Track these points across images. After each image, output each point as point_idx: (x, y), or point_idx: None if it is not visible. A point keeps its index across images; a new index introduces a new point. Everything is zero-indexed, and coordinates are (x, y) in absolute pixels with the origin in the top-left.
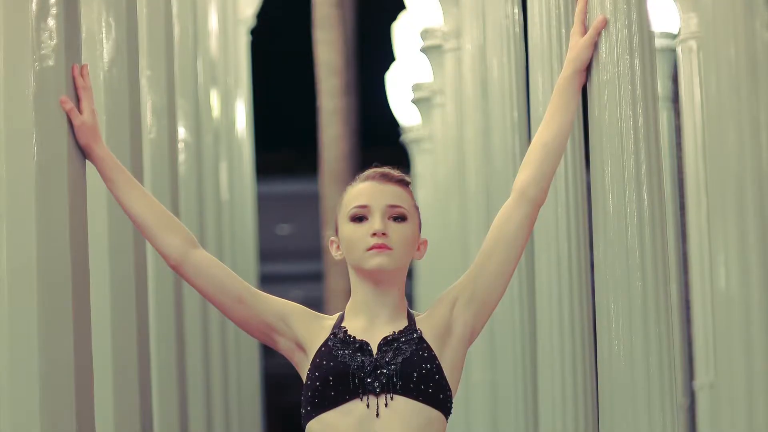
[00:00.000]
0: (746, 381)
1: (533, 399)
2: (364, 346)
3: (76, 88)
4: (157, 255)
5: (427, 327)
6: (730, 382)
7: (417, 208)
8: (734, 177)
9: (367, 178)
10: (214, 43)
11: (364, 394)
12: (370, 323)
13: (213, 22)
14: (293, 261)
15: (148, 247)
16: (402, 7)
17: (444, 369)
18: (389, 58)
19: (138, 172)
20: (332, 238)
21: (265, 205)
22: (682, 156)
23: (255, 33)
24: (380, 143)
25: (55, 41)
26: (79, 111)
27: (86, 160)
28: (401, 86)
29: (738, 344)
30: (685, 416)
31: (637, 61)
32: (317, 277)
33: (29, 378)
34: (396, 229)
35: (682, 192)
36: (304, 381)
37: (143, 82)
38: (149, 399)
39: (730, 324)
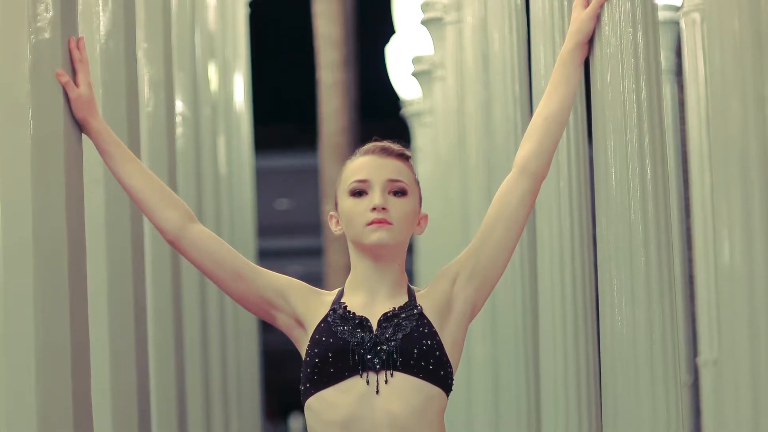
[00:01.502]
0: (750, 357)
1: (535, 375)
2: (363, 323)
3: (72, 61)
4: (155, 230)
5: (428, 303)
6: (734, 358)
7: (417, 183)
8: (738, 151)
9: (367, 152)
10: (212, 15)
11: (363, 370)
12: (370, 299)
13: None
14: (292, 236)
15: (146, 221)
16: None
17: (445, 345)
18: (389, 30)
19: (135, 146)
20: (332, 212)
21: (263, 179)
22: (685, 130)
23: (253, 5)
24: (380, 117)
25: (51, 14)
26: (76, 84)
27: (83, 134)
28: (401, 59)
29: (742, 320)
30: (689, 393)
31: (640, 33)
32: (316, 253)
33: (25, 355)
34: (396, 204)
35: (685, 166)
36: (303, 357)
37: (140, 55)
38: (147, 375)
39: (733, 300)
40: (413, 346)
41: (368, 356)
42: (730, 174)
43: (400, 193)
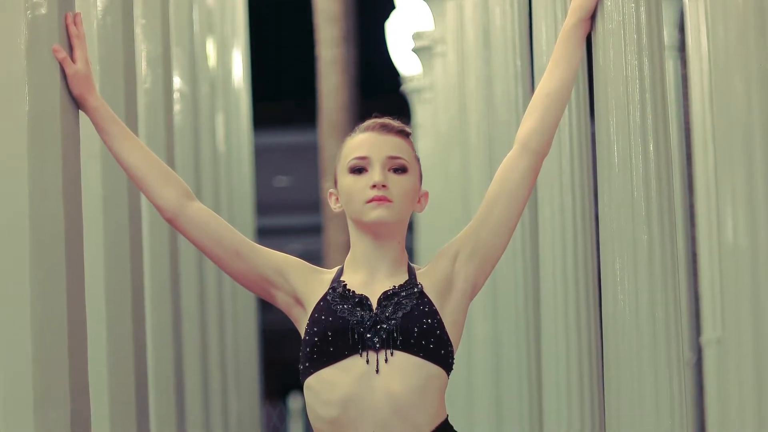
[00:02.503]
0: (754, 336)
1: (536, 355)
2: (363, 301)
3: (69, 37)
4: (153, 208)
5: (428, 281)
6: (738, 337)
7: (418, 160)
8: (742, 127)
9: (367, 129)
10: None
11: (363, 350)
12: (369, 277)
13: None
14: (291, 214)
15: (143, 199)
16: None
17: (445, 324)
18: (389, 6)
19: (132, 123)
20: (331, 190)
21: (262, 156)
22: (688, 106)
23: None
24: (380, 93)
25: None
26: (73, 60)
27: (80, 111)
28: (402, 35)
29: (746, 298)
30: (692, 372)
31: (642, 9)
32: (316, 230)
33: (22, 335)
34: (396, 181)
35: (688, 143)
36: (303, 336)
37: (138, 31)
38: (144, 354)
39: (737, 278)
40: (413, 325)
41: (368, 335)
42: (733, 151)
43: (400, 170)
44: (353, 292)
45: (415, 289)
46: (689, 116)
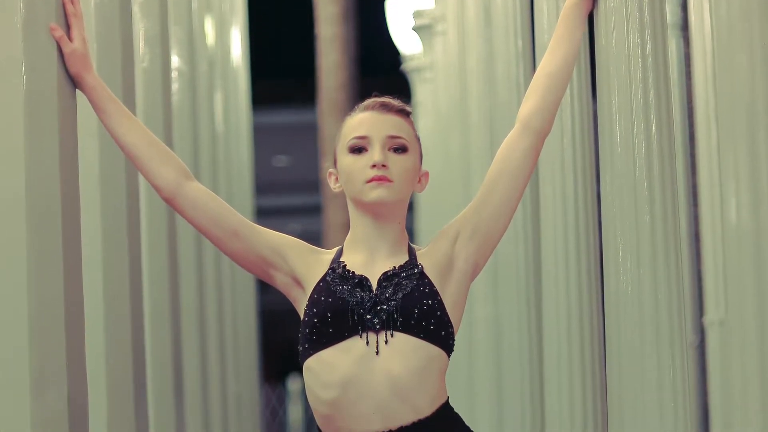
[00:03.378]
0: (758, 317)
1: (537, 336)
2: (363, 282)
3: (66, 15)
4: (151, 188)
5: (429, 262)
6: (741, 318)
7: (418, 139)
8: (745, 106)
9: (367, 108)
10: None
11: (363, 331)
12: (369, 258)
13: None
14: (290, 193)
15: (141, 179)
16: None
17: (446, 305)
18: None
19: (130, 102)
20: (331, 169)
21: (261, 135)
22: (691, 85)
23: None
24: (380, 72)
25: None
26: (70, 39)
27: (77, 90)
28: (402, 13)
29: (749, 279)
30: (695, 353)
31: None
32: (315, 211)
33: (19, 313)
34: (396, 161)
35: (691, 122)
36: (302, 318)
37: (135, 9)
38: (142, 336)
39: (740, 258)
40: (414, 306)
41: (368, 316)
42: (736, 130)
43: (401, 149)
44: (353, 272)
45: (416, 270)
46: (692, 95)
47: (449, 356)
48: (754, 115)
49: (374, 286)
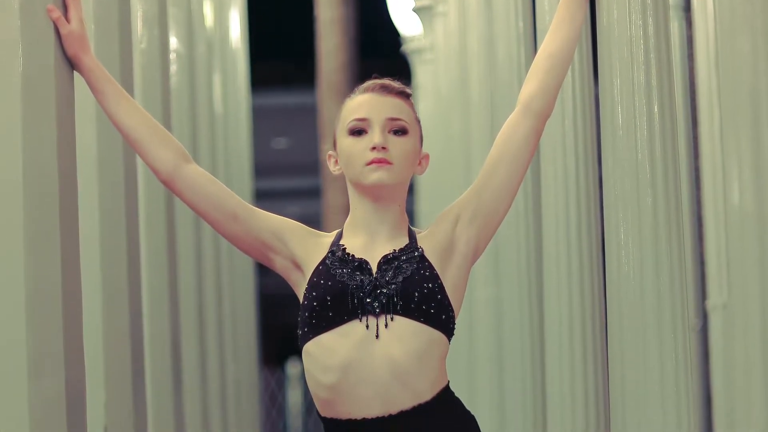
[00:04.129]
0: (760, 300)
1: (539, 319)
2: (363, 265)
3: None
4: (149, 171)
5: (429, 245)
6: (744, 302)
7: (418, 121)
8: (748, 89)
9: (367, 90)
10: None
11: (363, 314)
12: (369, 241)
13: None
14: (289, 176)
15: (139, 162)
16: None
17: (446, 288)
18: None
19: (128, 84)
20: (330, 152)
21: (260, 118)
22: (694, 67)
23: None
24: (380, 54)
25: None
26: (67, 20)
27: (74, 71)
28: None
29: (752, 262)
30: (698, 337)
31: None
32: (315, 193)
33: (15, 296)
34: (396, 143)
35: (694, 105)
36: (301, 301)
37: None
38: (140, 319)
39: (743, 242)
40: (414, 290)
41: (368, 300)
42: (739, 112)
43: (401, 131)
44: (353, 256)
45: (416, 253)
46: (694, 77)
47: (450, 340)
48: (757, 99)
49: (374, 269)
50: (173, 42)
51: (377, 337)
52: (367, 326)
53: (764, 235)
